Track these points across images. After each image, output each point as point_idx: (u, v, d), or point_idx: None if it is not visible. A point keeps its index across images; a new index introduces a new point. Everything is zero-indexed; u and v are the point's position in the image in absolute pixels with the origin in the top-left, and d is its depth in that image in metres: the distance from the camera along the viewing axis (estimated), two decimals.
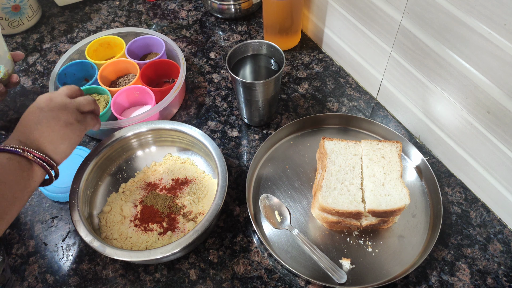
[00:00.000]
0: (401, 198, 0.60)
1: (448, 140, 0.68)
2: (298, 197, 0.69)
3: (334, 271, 0.59)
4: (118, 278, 0.62)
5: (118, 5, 1.04)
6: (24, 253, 0.65)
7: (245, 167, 0.73)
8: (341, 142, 0.67)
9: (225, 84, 0.86)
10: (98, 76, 0.77)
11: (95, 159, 0.66)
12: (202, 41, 0.94)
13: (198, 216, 0.65)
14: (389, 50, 0.71)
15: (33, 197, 0.71)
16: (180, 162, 0.71)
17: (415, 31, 0.63)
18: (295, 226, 0.65)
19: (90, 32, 0.98)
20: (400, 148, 0.66)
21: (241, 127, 0.79)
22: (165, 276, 0.62)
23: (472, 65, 0.57)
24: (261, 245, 0.64)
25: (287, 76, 0.86)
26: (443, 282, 0.60)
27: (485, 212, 0.67)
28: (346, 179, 0.63)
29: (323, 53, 0.90)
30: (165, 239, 0.62)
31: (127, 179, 0.70)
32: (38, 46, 0.95)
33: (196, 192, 0.68)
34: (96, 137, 0.78)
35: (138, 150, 0.73)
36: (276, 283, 0.61)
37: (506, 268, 0.61)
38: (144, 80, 0.80)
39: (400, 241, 0.63)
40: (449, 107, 0.64)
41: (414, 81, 0.69)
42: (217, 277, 0.61)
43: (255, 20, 0.98)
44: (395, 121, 0.78)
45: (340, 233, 0.64)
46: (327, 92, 0.83)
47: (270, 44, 0.72)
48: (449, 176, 0.71)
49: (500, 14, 0.49)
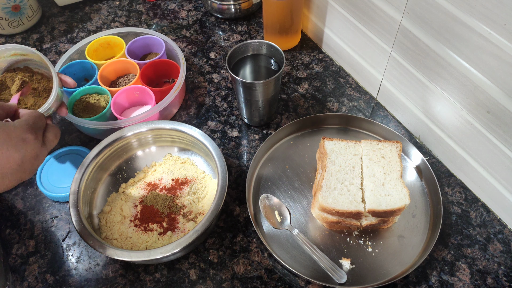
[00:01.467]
0: (401, 198, 0.60)
1: (448, 140, 0.68)
2: (298, 197, 0.69)
3: (334, 271, 0.60)
4: (118, 278, 0.62)
5: (118, 5, 1.04)
6: (24, 253, 0.65)
7: (245, 167, 0.73)
8: (341, 142, 0.67)
9: (225, 84, 0.86)
10: (98, 76, 0.77)
11: (95, 159, 0.66)
12: (202, 41, 0.94)
13: (198, 216, 0.65)
14: (389, 50, 0.71)
15: (33, 197, 0.71)
16: (180, 162, 0.71)
17: (415, 31, 0.63)
18: (295, 226, 0.65)
19: (90, 32, 0.98)
20: (400, 148, 0.67)
21: (241, 127, 0.79)
22: (165, 276, 0.62)
23: (472, 65, 0.57)
24: (261, 245, 0.64)
25: (287, 76, 0.86)
26: (443, 282, 0.60)
27: (485, 212, 0.67)
28: (346, 179, 0.63)
29: (323, 53, 0.90)
30: (165, 239, 0.62)
31: (127, 179, 0.70)
32: (38, 46, 0.95)
33: (196, 192, 0.68)
34: (96, 137, 0.78)
35: (138, 150, 0.73)
36: (276, 283, 0.61)
37: (506, 268, 0.61)
38: (144, 80, 0.80)
39: (400, 241, 0.63)
40: (449, 107, 0.64)
41: (414, 81, 0.69)
42: (217, 277, 0.61)
43: (255, 20, 0.98)
44: (395, 121, 0.78)
45: (340, 233, 0.64)
46: (327, 92, 0.83)
47: (270, 44, 0.72)
48: (449, 176, 0.71)
49: (500, 14, 0.49)
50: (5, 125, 0.46)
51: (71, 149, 0.73)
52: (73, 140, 0.78)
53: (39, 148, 0.48)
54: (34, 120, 0.49)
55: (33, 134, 0.47)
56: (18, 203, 0.70)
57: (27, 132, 0.47)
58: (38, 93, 0.64)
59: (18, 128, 0.46)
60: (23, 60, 0.65)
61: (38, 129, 0.49)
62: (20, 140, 0.46)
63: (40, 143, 0.49)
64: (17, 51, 0.63)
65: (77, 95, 0.75)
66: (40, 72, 0.66)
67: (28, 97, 0.63)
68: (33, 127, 0.48)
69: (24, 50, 0.63)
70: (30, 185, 0.72)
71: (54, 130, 0.53)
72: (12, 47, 0.63)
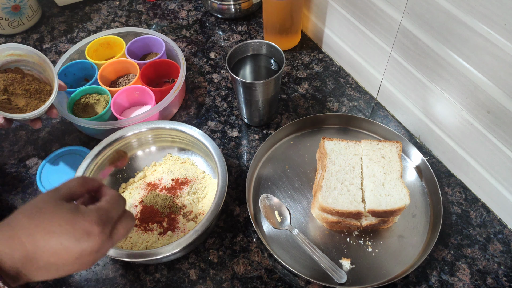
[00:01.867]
0: (401, 198, 0.60)
1: (448, 140, 0.68)
2: (298, 197, 0.69)
3: (334, 271, 0.60)
4: (118, 278, 0.62)
5: (118, 5, 1.04)
6: None
7: (245, 167, 0.73)
8: (341, 142, 0.67)
9: (225, 84, 0.86)
10: (98, 76, 0.77)
11: (95, 159, 0.66)
12: (202, 41, 0.94)
13: (198, 216, 0.65)
14: (389, 50, 0.71)
15: (33, 197, 0.71)
16: (180, 162, 0.71)
17: (415, 31, 0.63)
18: (295, 226, 0.65)
19: (90, 32, 0.98)
20: (400, 148, 0.67)
21: (241, 127, 0.79)
22: (165, 276, 0.62)
23: (472, 65, 0.57)
24: (261, 245, 0.64)
25: (287, 76, 0.86)
26: (443, 282, 0.60)
27: (485, 212, 0.67)
28: (346, 179, 0.63)
29: (323, 53, 0.90)
30: (165, 239, 0.62)
31: (127, 179, 0.70)
32: (38, 46, 0.95)
33: (196, 192, 0.68)
34: (96, 137, 0.78)
35: (138, 150, 0.73)
36: (276, 283, 0.61)
37: (506, 268, 0.61)
38: (144, 80, 0.80)
39: (400, 241, 0.63)
40: (449, 107, 0.64)
41: (414, 81, 0.69)
42: (217, 277, 0.61)
43: (255, 20, 0.98)
44: (395, 121, 0.78)
45: (340, 233, 0.64)
46: (327, 92, 0.83)
47: (270, 44, 0.72)
48: (449, 176, 0.71)
49: (500, 14, 0.49)
50: (75, 213, 0.41)
51: (71, 149, 0.73)
52: (73, 140, 0.78)
53: (102, 243, 0.41)
54: (110, 208, 0.43)
55: (101, 226, 0.41)
56: (18, 203, 0.70)
57: (94, 225, 0.41)
58: (30, 94, 0.64)
59: (86, 219, 0.41)
60: (15, 61, 0.64)
61: (109, 220, 0.43)
62: (84, 233, 0.40)
63: (105, 237, 0.42)
64: (16, 51, 0.63)
65: (77, 95, 0.75)
66: (31, 74, 0.66)
67: (19, 98, 0.63)
68: (104, 218, 0.42)
69: (25, 51, 0.63)
70: (30, 185, 0.72)
71: (127, 223, 0.45)
72: (12, 46, 0.63)
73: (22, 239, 0.39)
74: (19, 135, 0.79)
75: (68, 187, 0.44)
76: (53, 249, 0.39)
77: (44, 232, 0.39)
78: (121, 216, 0.45)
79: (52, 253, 0.39)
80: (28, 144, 0.78)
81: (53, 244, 0.39)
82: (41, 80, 0.66)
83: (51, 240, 0.39)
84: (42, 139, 0.78)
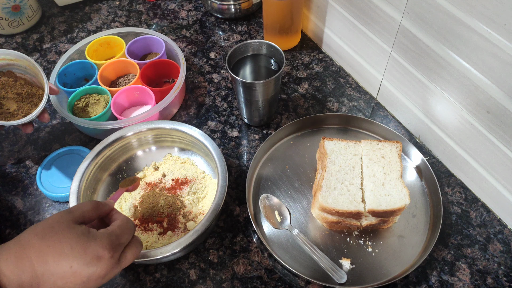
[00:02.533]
0: (401, 198, 0.60)
1: (448, 140, 0.68)
2: (298, 197, 0.69)
3: (334, 271, 0.60)
4: (118, 278, 0.62)
5: (118, 5, 1.04)
6: None
7: (245, 167, 0.73)
8: (341, 142, 0.67)
9: (225, 84, 0.86)
10: (98, 76, 0.77)
11: (95, 159, 0.66)
12: (202, 41, 0.94)
13: (198, 216, 0.65)
14: (389, 50, 0.71)
15: (33, 197, 0.71)
16: (180, 162, 0.71)
17: (415, 31, 0.63)
18: (295, 226, 0.65)
19: (90, 32, 0.98)
20: (400, 148, 0.67)
21: (241, 127, 0.79)
22: (165, 276, 0.62)
23: (472, 65, 0.57)
24: (261, 245, 0.64)
25: (287, 76, 0.86)
26: (443, 282, 0.60)
27: (485, 212, 0.67)
28: (346, 179, 0.63)
29: (323, 53, 0.90)
30: (165, 239, 0.62)
31: None
32: (38, 46, 0.95)
33: (196, 192, 0.68)
34: (96, 137, 0.78)
35: (138, 150, 0.73)
36: (276, 283, 0.61)
37: (506, 268, 0.61)
38: (144, 80, 0.80)
39: (400, 241, 0.63)
40: (449, 107, 0.64)
41: (414, 81, 0.69)
42: (217, 277, 0.61)
43: (255, 20, 0.98)
44: (395, 121, 0.78)
45: (340, 233, 0.64)
46: (327, 92, 0.83)
47: (270, 44, 0.72)
48: (449, 176, 0.71)
49: (500, 14, 0.49)
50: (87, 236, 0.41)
51: (71, 149, 0.73)
52: (73, 140, 0.78)
53: (110, 268, 0.42)
54: (121, 233, 0.44)
55: (111, 251, 0.42)
56: (18, 203, 0.70)
57: (105, 250, 0.41)
58: (22, 98, 0.63)
59: (98, 244, 0.41)
60: (7, 64, 0.64)
61: (119, 246, 0.43)
62: (95, 258, 0.40)
63: (114, 262, 0.42)
64: (6, 56, 0.62)
65: (77, 95, 0.75)
66: (24, 77, 0.65)
67: (11, 102, 0.62)
68: (114, 243, 0.42)
69: (15, 56, 0.62)
70: (30, 185, 0.72)
71: (135, 249, 0.45)
72: (2, 52, 0.62)
73: (32, 260, 0.38)
74: (19, 135, 0.79)
75: (82, 210, 0.44)
76: (62, 272, 0.39)
77: (55, 254, 0.39)
78: (130, 242, 0.45)
79: (60, 277, 0.39)
80: (28, 144, 0.78)
81: (63, 267, 0.39)
82: (33, 84, 0.66)
83: (61, 262, 0.39)
84: (42, 139, 0.78)
